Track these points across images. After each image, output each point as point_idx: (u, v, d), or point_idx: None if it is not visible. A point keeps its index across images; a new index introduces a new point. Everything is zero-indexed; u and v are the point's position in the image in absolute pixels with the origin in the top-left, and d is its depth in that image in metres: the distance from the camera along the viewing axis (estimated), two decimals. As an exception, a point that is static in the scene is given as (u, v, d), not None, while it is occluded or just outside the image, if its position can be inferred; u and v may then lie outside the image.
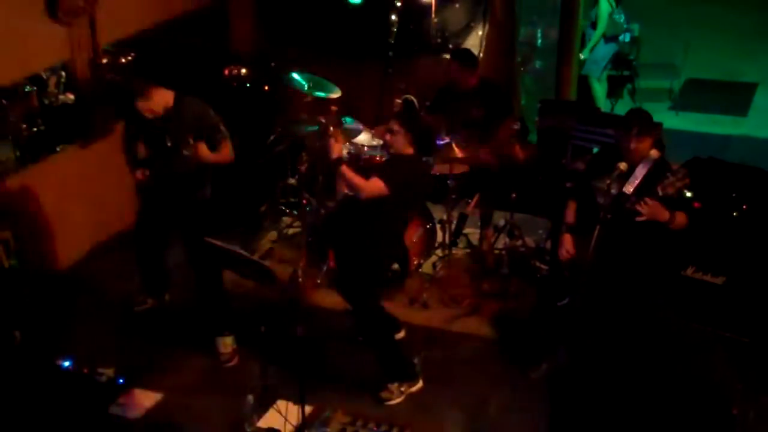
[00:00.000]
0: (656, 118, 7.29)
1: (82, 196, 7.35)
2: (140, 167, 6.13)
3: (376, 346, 5.82)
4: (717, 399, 4.77)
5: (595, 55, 10.01)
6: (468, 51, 7.60)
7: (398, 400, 5.78)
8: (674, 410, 4.70)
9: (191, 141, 5.90)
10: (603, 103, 10.02)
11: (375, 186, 5.51)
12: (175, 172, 6.06)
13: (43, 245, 7.02)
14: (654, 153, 5.42)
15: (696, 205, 5.56)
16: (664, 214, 5.26)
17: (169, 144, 5.98)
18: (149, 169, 6.11)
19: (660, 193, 5.13)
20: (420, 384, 5.90)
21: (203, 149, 5.95)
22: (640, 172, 5.40)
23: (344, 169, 5.54)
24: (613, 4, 9.96)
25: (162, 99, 6.00)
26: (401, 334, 6.38)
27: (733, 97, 10.78)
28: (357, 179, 5.53)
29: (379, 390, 5.82)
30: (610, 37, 10.03)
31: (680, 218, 5.32)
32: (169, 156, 6.01)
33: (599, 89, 10.06)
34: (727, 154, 7.93)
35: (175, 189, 6.17)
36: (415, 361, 6.07)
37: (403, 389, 5.82)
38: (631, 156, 5.41)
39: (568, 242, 5.76)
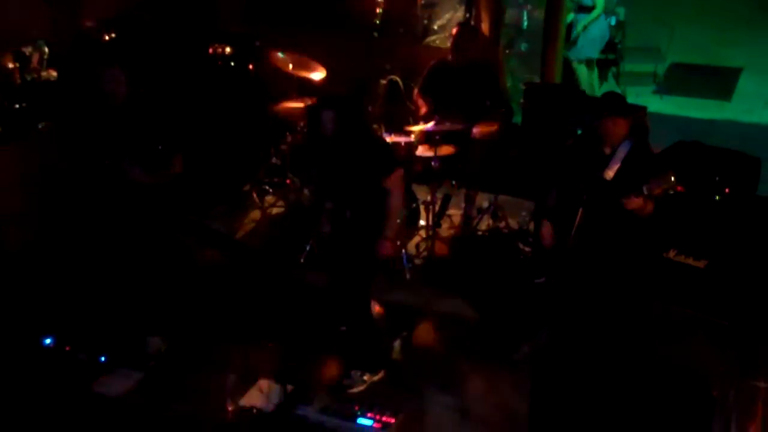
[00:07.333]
0: (641, 102, 7.27)
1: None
2: None
3: (359, 328, 5.79)
4: (697, 381, 4.80)
5: (591, 35, 9.72)
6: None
7: (360, 388, 5.74)
8: (655, 392, 4.74)
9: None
10: (596, 84, 9.93)
11: (401, 182, 5.58)
12: None
13: (24, 223, 6.97)
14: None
15: (679, 188, 5.58)
16: (650, 208, 5.36)
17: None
18: None
19: (645, 193, 5.19)
20: (382, 374, 5.87)
21: (135, 172, 5.78)
22: (619, 156, 5.47)
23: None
24: None
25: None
26: None
27: (718, 82, 10.78)
28: (396, 206, 5.60)
29: (343, 377, 5.79)
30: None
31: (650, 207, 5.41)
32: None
33: (583, 72, 9.95)
34: (711, 138, 7.94)
35: None
36: (396, 342, 6.08)
37: (365, 378, 5.79)
38: (611, 140, 5.47)
39: (548, 228, 5.78)
